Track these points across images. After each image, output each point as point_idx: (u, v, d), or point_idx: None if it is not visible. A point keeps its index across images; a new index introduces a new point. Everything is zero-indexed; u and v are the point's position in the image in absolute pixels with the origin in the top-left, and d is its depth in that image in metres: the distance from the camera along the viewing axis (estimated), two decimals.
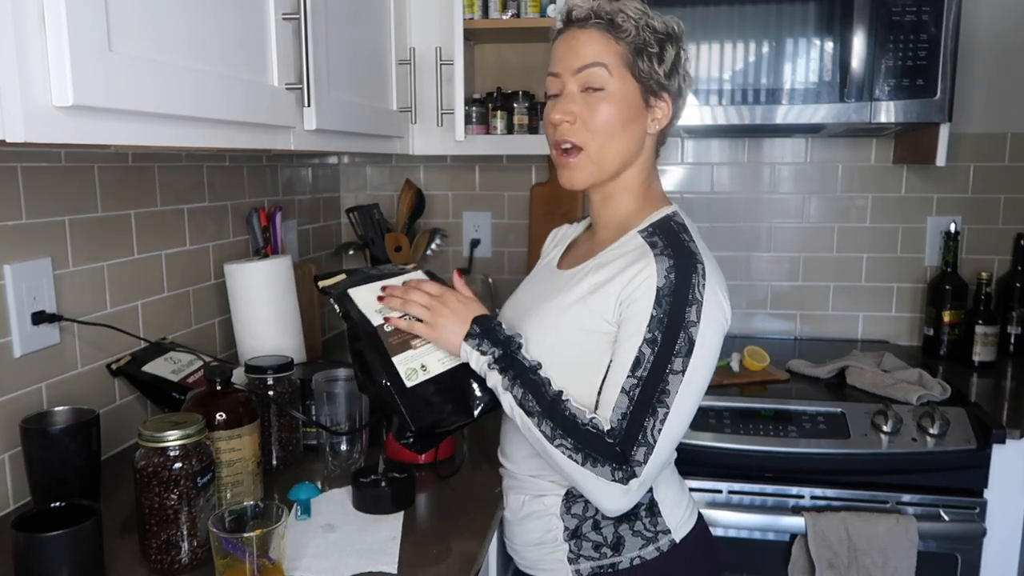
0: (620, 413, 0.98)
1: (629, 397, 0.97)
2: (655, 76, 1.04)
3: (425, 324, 1.04)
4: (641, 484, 0.97)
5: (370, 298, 1.08)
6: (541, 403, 0.98)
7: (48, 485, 1.07)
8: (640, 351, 0.97)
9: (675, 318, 0.97)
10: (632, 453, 0.96)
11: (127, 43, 0.81)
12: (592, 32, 1.03)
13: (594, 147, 1.05)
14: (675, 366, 0.97)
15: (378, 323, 1.05)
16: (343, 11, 1.42)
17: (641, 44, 1.03)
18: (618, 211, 1.11)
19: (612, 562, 1.05)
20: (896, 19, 1.67)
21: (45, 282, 1.20)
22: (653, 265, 0.99)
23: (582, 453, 0.96)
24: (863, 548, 1.55)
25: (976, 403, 1.69)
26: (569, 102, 1.05)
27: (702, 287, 0.98)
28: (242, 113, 1.05)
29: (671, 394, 0.97)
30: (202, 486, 0.97)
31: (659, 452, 0.97)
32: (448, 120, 1.87)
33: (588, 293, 1.03)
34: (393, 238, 2.16)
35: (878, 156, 2.16)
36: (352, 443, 1.28)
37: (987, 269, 2.06)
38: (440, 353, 1.06)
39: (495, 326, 1.04)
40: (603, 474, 0.96)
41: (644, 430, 0.96)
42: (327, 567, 1.00)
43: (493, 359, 1.01)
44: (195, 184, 1.59)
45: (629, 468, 0.96)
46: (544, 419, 0.98)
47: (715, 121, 1.78)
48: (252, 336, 1.62)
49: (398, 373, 1.02)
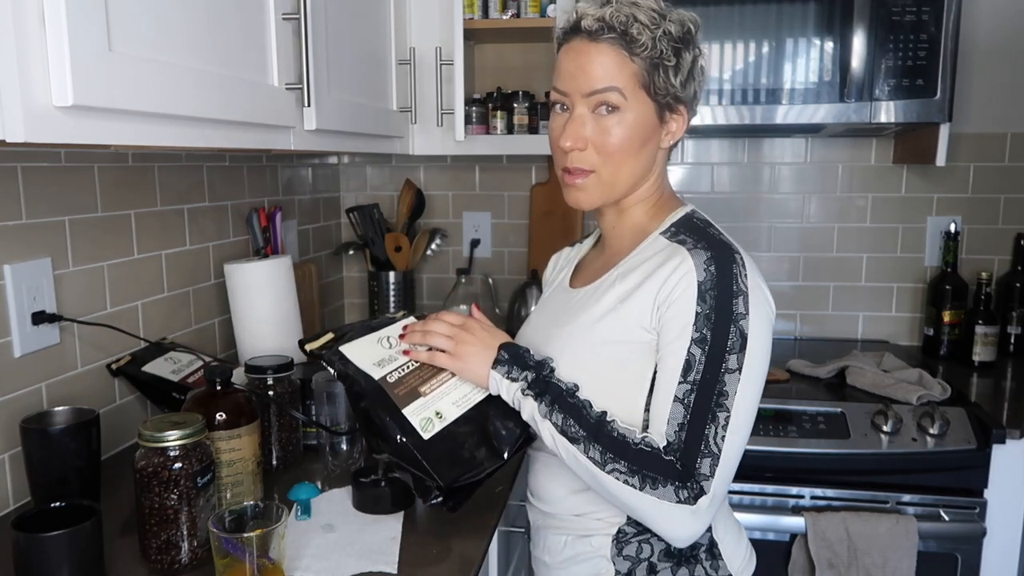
0: (676, 424, 0.88)
1: (684, 405, 0.88)
2: (671, 91, 0.96)
3: (448, 355, 0.98)
4: (711, 501, 0.87)
5: (365, 352, 1.00)
6: (585, 426, 0.90)
7: (48, 485, 1.07)
8: (690, 353, 0.89)
9: (723, 312, 0.89)
10: (697, 467, 0.87)
11: (127, 43, 0.81)
12: (604, 49, 0.94)
13: (607, 172, 0.98)
14: (730, 364, 0.88)
15: (379, 376, 0.97)
16: (343, 11, 1.42)
17: (657, 58, 0.94)
18: (633, 221, 1.04)
19: None
20: (896, 19, 1.67)
21: (45, 282, 1.20)
22: (689, 260, 0.91)
23: (638, 476, 0.87)
24: (863, 548, 1.55)
25: (976, 403, 1.69)
26: (579, 126, 0.96)
27: (744, 276, 0.91)
28: (242, 113, 1.05)
29: (730, 395, 0.88)
30: (202, 486, 0.97)
31: (726, 462, 0.88)
32: (448, 120, 1.87)
33: (618, 303, 0.96)
34: (393, 238, 2.16)
35: (878, 156, 2.16)
36: (352, 443, 1.28)
37: (987, 269, 2.06)
38: (455, 395, 0.99)
39: (523, 351, 0.97)
40: (666, 496, 0.86)
41: (706, 439, 0.87)
42: (327, 567, 0.99)
43: (526, 384, 0.93)
44: (195, 184, 1.59)
45: (695, 484, 0.87)
46: (591, 443, 0.89)
47: (715, 121, 1.78)
48: (252, 336, 1.62)
49: (412, 426, 0.93)
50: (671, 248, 0.96)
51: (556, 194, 2.27)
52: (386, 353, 1.01)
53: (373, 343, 1.02)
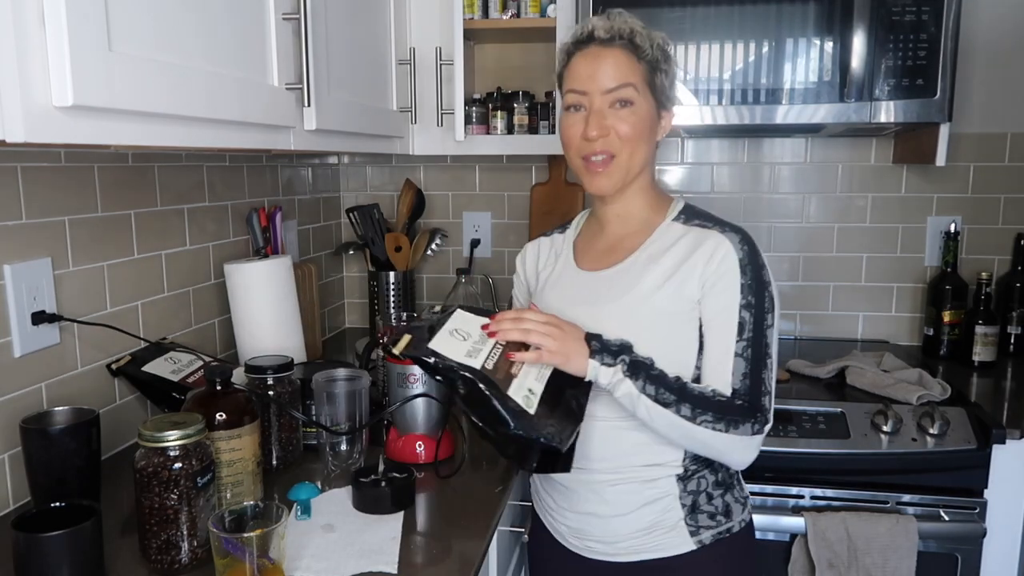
0: (740, 374, 1.09)
1: (744, 359, 1.09)
2: (666, 91, 1.16)
3: (550, 351, 1.07)
4: (768, 427, 1.10)
5: (450, 347, 1.05)
6: (673, 391, 1.06)
7: (48, 485, 1.07)
8: (741, 316, 1.09)
9: (759, 282, 1.10)
10: (762, 403, 1.09)
11: (127, 43, 0.81)
12: (618, 52, 1.12)
13: (625, 155, 1.14)
14: (768, 321, 1.11)
15: (479, 365, 1.02)
16: (343, 11, 1.42)
17: (656, 62, 1.13)
18: (635, 208, 1.20)
19: (728, 527, 1.17)
20: (896, 19, 1.67)
21: (45, 282, 1.20)
22: (726, 242, 1.11)
23: (724, 421, 1.06)
24: (863, 548, 1.55)
25: (976, 403, 1.69)
26: (601, 118, 1.13)
27: (761, 254, 1.13)
28: (242, 113, 1.05)
29: (771, 345, 1.11)
30: (202, 486, 0.97)
31: (774, 395, 1.12)
32: (448, 120, 1.87)
33: (664, 280, 1.12)
34: (393, 238, 2.16)
35: (878, 156, 2.16)
36: (352, 443, 1.28)
37: (987, 269, 2.06)
38: (533, 373, 1.07)
39: (603, 338, 1.09)
40: (745, 431, 1.07)
41: (763, 382, 1.10)
42: (327, 567, 0.99)
43: (625, 367, 1.06)
44: (195, 184, 1.59)
45: (763, 416, 1.09)
46: (681, 404, 1.06)
47: (715, 121, 1.78)
48: (252, 336, 1.62)
49: (520, 405, 1.00)
50: (700, 232, 1.14)
51: (556, 194, 2.28)
52: (468, 345, 1.07)
53: (449, 337, 1.07)
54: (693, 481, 1.16)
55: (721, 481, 1.18)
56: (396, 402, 1.32)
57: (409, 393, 1.31)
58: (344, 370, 1.33)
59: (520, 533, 1.42)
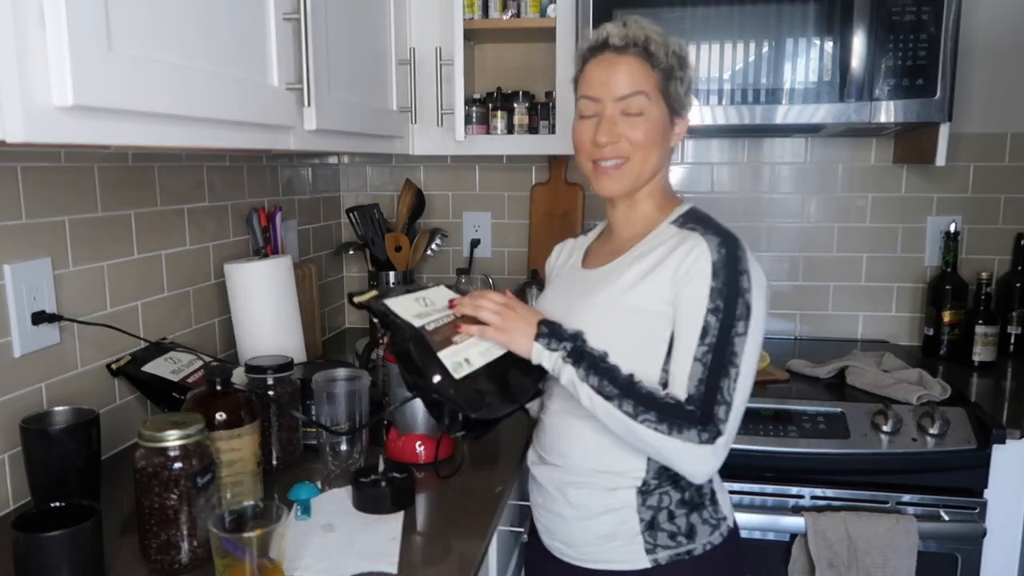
0: (696, 380, 1.05)
1: (702, 363, 1.05)
2: (679, 98, 1.15)
3: (496, 328, 1.10)
4: (726, 441, 1.04)
5: (406, 306, 1.14)
6: (617, 385, 1.05)
7: (48, 485, 1.07)
8: (706, 320, 1.05)
9: (732, 287, 1.06)
10: (714, 412, 1.03)
11: (127, 43, 0.81)
12: (632, 60, 1.12)
13: (637, 160, 1.14)
14: (738, 329, 1.06)
15: (419, 325, 1.10)
16: (343, 11, 1.42)
17: (670, 69, 1.13)
18: (643, 211, 1.20)
19: (688, 549, 1.12)
20: (896, 19, 1.67)
21: (45, 282, 1.20)
22: (703, 243, 1.08)
23: (667, 423, 1.03)
24: (863, 548, 1.55)
25: (976, 403, 1.69)
26: (612, 124, 1.13)
27: (747, 259, 1.09)
28: (242, 113, 1.05)
29: (739, 354, 1.05)
30: (202, 486, 0.97)
31: (736, 408, 1.05)
32: (448, 120, 1.87)
33: (639, 279, 1.11)
34: (393, 238, 2.16)
35: (878, 156, 2.16)
36: (352, 443, 1.28)
37: (987, 269, 2.06)
38: (481, 347, 1.11)
39: (559, 326, 1.10)
40: (690, 438, 1.02)
41: (721, 390, 1.04)
42: (327, 567, 1.00)
43: (566, 353, 1.07)
44: (195, 184, 1.59)
45: (714, 427, 1.03)
46: (624, 399, 1.04)
47: (715, 121, 1.78)
48: (252, 336, 1.62)
49: (446, 367, 1.06)
50: (683, 233, 1.12)
51: (556, 194, 2.28)
52: (424, 309, 1.15)
53: (412, 301, 1.16)
54: (654, 496, 1.12)
55: (688, 500, 1.13)
56: (396, 402, 1.32)
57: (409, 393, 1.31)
58: (344, 370, 1.33)
59: (520, 533, 1.42)
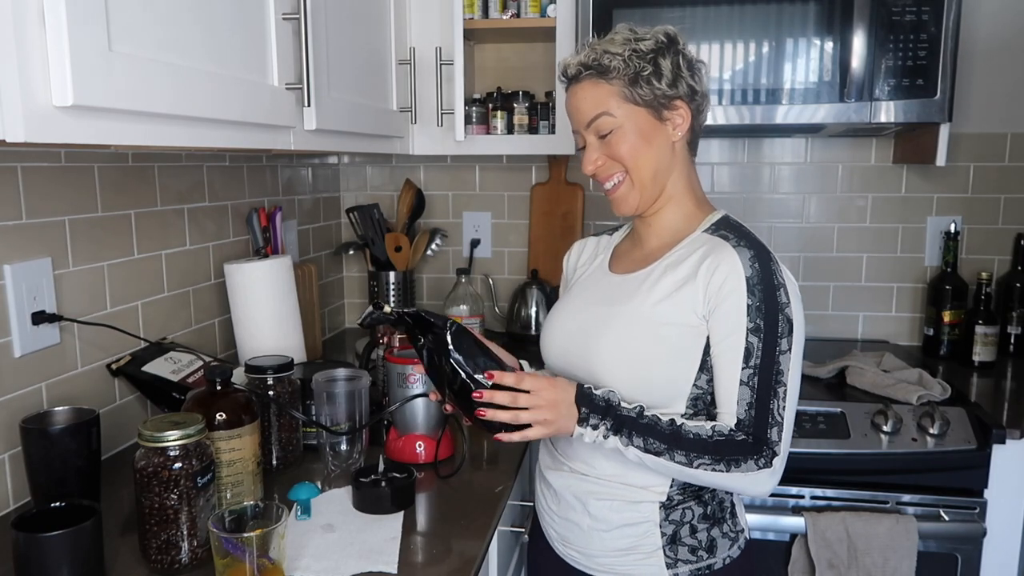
0: (746, 404, 1.04)
1: (750, 387, 1.04)
2: (658, 93, 1.09)
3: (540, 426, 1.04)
4: (782, 460, 1.04)
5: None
6: (663, 439, 1.03)
7: (48, 485, 1.07)
8: (748, 342, 1.04)
9: (771, 303, 1.04)
10: (768, 436, 1.03)
11: (127, 43, 0.81)
12: (586, 84, 1.11)
13: (631, 172, 1.12)
14: (782, 346, 1.05)
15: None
16: (343, 11, 1.42)
17: (633, 74, 1.08)
18: (669, 222, 1.17)
19: (708, 564, 1.11)
20: (896, 19, 1.67)
21: (45, 282, 1.20)
22: (735, 256, 1.05)
23: (723, 462, 1.02)
24: (863, 548, 1.55)
25: (976, 403, 1.69)
26: (592, 151, 1.13)
27: (781, 271, 1.07)
28: (242, 113, 1.05)
29: (785, 372, 1.05)
30: (202, 486, 0.97)
31: (787, 426, 1.05)
32: (448, 120, 1.87)
33: (674, 290, 1.08)
34: (393, 238, 2.16)
35: (878, 156, 2.16)
36: (352, 443, 1.28)
37: (987, 269, 2.06)
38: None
39: (593, 398, 1.05)
40: (749, 468, 1.02)
41: (771, 412, 1.04)
42: (327, 567, 1.00)
43: (606, 429, 1.03)
44: (195, 184, 1.59)
45: (769, 450, 1.03)
46: (674, 451, 1.02)
47: (715, 121, 1.78)
48: (252, 336, 1.62)
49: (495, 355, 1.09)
50: (714, 240, 1.09)
51: (556, 194, 2.28)
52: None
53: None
54: (677, 511, 1.11)
55: (710, 514, 1.12)
56: (396, 402, 1.32)
57: (409, 393, 1.31)
58: (344, 370, 1.33)
59: (520, 533, 1.42)
